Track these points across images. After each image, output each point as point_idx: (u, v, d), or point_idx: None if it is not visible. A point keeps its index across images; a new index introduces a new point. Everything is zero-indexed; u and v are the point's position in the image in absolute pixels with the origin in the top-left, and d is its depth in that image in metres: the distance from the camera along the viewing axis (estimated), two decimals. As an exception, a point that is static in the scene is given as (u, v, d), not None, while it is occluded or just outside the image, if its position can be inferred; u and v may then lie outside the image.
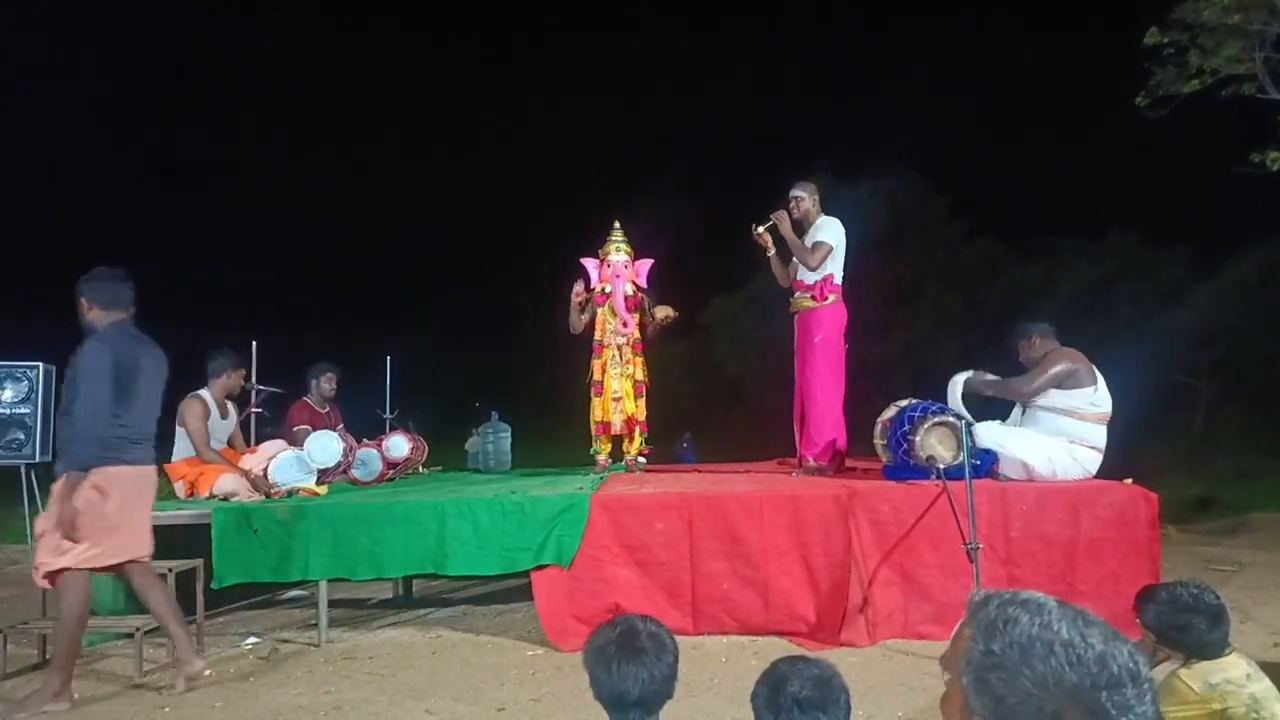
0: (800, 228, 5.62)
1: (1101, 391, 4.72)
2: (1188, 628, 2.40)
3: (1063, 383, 4.72)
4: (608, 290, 5.81)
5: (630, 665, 1.80)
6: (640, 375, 5.87)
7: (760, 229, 5.63)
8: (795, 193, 5.66)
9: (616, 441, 5.97)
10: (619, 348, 5.83)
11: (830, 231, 5.52)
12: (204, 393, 5.56)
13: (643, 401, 5.89)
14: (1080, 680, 0.89)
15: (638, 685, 1.79)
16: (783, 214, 5.57)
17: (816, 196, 5.71)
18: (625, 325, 5.79)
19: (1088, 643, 0.91)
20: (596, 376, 5.85)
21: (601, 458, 5.94)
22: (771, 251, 5.77)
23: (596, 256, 5.93)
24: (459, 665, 4.32)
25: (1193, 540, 7.67)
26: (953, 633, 1.05)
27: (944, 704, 1.05)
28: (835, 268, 5.52)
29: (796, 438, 5.75)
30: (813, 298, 5.53)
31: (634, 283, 5.87)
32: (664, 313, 5.85)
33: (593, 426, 5.89)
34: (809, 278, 5.56)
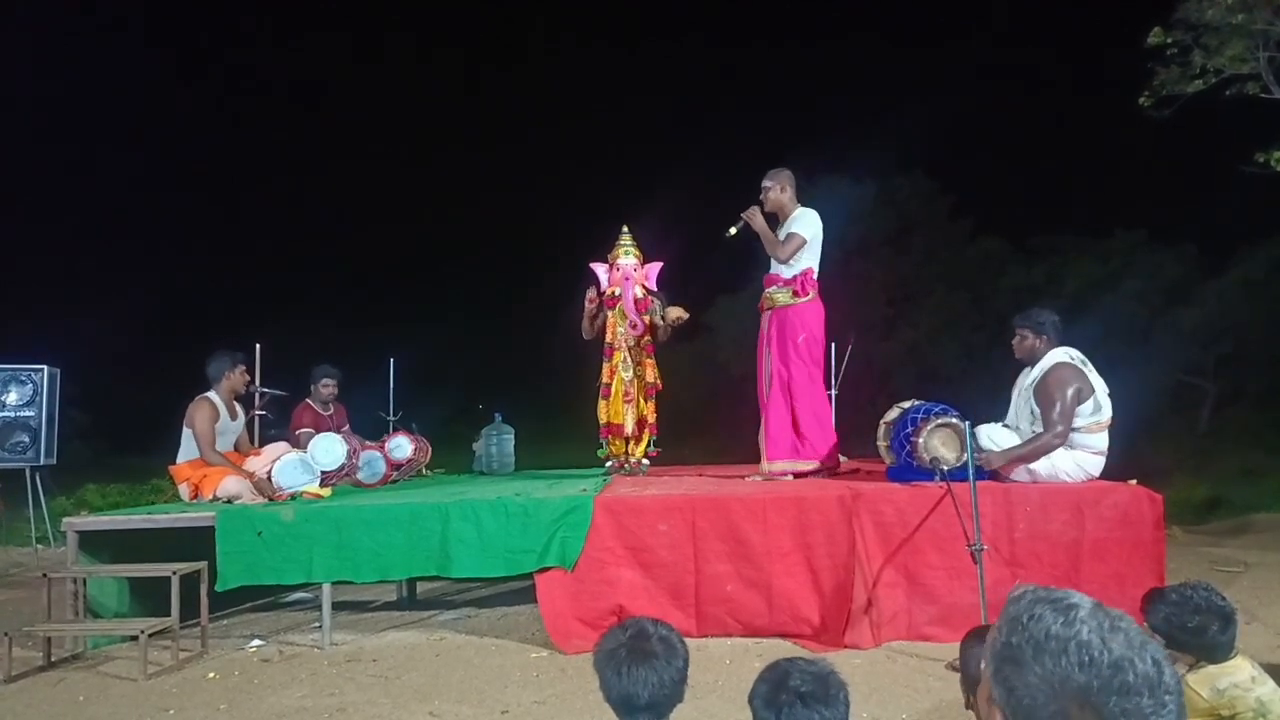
0: (775, 220, 5.40)
1: (1101, 403, 4.61)
2: (1201, 629, 2.38)
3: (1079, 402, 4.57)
4: (617, 294, 5.82)
5: (640, 669, 1.79)
6: (650, 377, 5.87)
7: (732, 231, 5.38)
8: (763, 183, 5.45)
9: (629, 443, 5.96)
10: (629, 350, 5.84)
11: (804, 223, 5.28)
12: (213, 395, 5.54)
13: (653, 404, 5.90)
14: (1088, 682, 0.88)
15: (647, 689, 1.78)
16: (753, 211, 5.32)
17: (789, 186, 5.42)
18: (635, 328, 5.79)
19: (1106, 646, 0.90)
20: (605, 379, 5.86)
21: (616, 459, 5.93)
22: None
23: (605, 261, 5.94)
24: (463, 667, 4.32)
25: (1198, 541, 7.65)
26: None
27: (979, 690, 1.08)
28: (812, 261, 5.31)
29: (761, 441, 5.47)
30: (793, 293, 5.30)
31: (643, 285, 5.88)
32: (675, 314, 5.85)
33: (600, 429, 5.90)
34: (785, 272, 5.31)
